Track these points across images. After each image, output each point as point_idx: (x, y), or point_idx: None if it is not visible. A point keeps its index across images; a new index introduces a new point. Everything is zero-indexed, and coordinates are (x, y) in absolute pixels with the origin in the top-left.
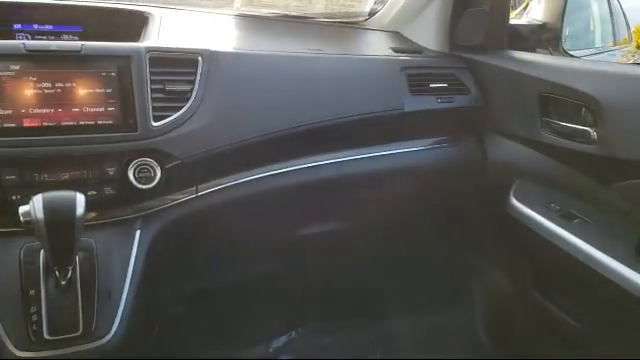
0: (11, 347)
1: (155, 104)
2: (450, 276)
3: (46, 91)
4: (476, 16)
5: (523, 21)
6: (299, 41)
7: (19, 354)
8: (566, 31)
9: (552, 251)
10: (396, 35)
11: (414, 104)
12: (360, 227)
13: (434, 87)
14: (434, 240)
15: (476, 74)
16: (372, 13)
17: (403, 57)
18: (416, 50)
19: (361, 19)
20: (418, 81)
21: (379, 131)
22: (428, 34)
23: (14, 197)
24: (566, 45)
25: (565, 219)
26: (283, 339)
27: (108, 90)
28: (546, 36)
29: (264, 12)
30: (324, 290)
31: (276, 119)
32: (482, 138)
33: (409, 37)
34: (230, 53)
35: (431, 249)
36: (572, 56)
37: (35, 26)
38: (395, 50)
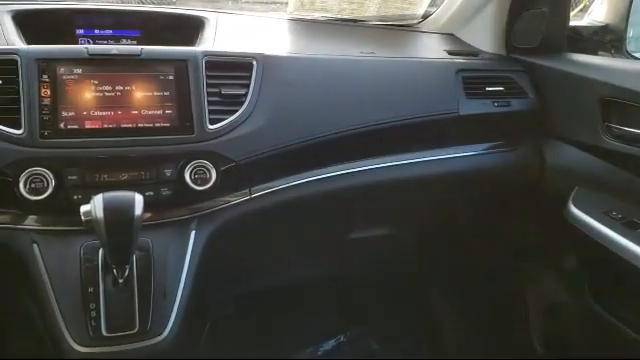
0: (71, 342)
1: (211, 107)
2: (503, 284)
3: (107, 94)
4: (535, 18)
5: (584, 22)
6: (352, 44)
7: (78, 349)
8: (630, 32)
9: (613, 261)
10: (450, 37)
11: (469, 107)
12: (411, 232)
13: (490, 90)
14: (486, 247)
15: (534, 77)
16: (425, 16)
17: (458, 60)
18: (472, 52)
19: (414, 22)
20: (474, 84)
21: (432, 135)
22: (484, 36)
23: (75, 197)
24: (630, 47)
25: (627, 228)
26: (332, 343)
27: (166, 93)
28: (608, 38)
29: (317, 16)
30: (373, 295)
31: (329, 122)
32: (540, 143)
33: (464, 39)
34: (284, 57)
35: (483, 256)
36: (637, 58)
37: (96, 31)
38: (450, 53)
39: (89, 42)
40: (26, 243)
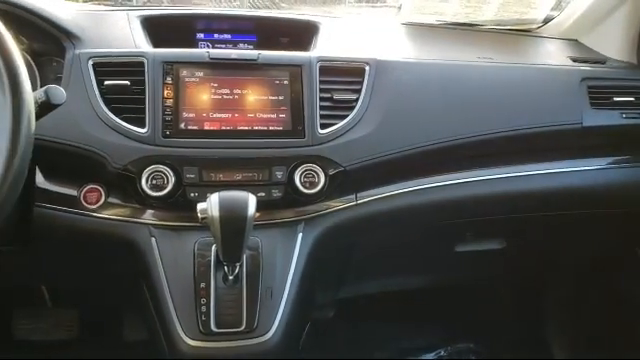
0: (182, 334)
1: (322, 112)
2: (626, 305)
3: (225, 97)
4: None
5: None
6: (468, 49)
7: (189, 342)
8: None
9: None
10: (575, 43)
11: (594, 119)
12: (523, 248)
13: (619, 101)
14: (609, 265)
15: None
16: (547, 20)
17: (583, 67)
18: (598, 60)
19: (535, 26)
20: (600, 94)
21: (551, 147)
22: (613, 42)
23: (192, 194)
24: None
25: None
26: (431, 356)
27: (280, 97)
28: None
29: (430, 20)
30: (479, 309)
31: (442, 130)
32: None
33: (590, 46)
34: (397, 62)
35: (603, 274)
36: None
37: (215, 35)
38: (574, 59)
39: (208, 46)
40: (145, 236)
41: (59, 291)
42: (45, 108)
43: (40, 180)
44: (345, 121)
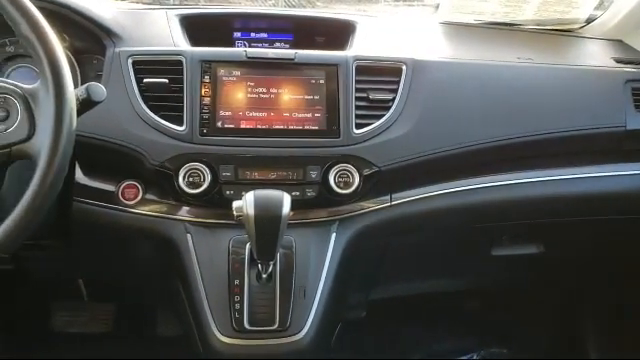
0: (216, 331)
1: (358, 112)
2: None
3: (261, 96)
4: None
5: None
6: (507, 49)
7: (222, 339)
8: None
9: None
10: (619, 44)
11: (639, 122)
12: (562, 253)
13: None
14: None
15: None
16: (590, 20)
17: (628, 68)
18: None
19: (576, 26)
20: None
21: (591, 150)
22: None
23: (228, 192)
24: None
25: None
26: None
27: (316, 97)
28: None
29: (468, 19)
30: (514, 314)
31: (479, 131)
32: None
33: (635, 46)
34: (434, 62)
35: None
36: None
37: (252, 34)
38: (618, 61)
39: (245, 45)
40: (181, 233)
41: (96, 285)
42: (86, 105)
43: (79, 176)
44: (381, 121)
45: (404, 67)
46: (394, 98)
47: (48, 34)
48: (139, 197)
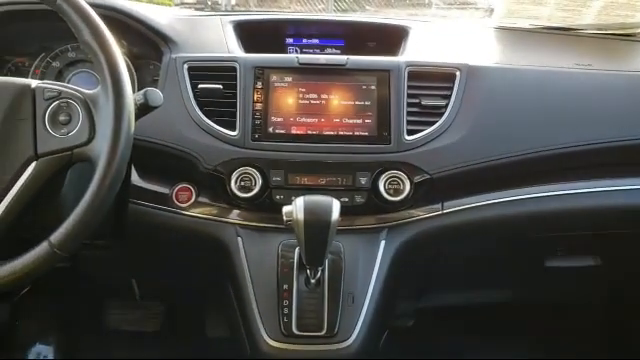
0: (264, 334)
1: (409, 118)
2: None
3: (312, 102)
4: None
5: None
6: (564, 55)
7: (271, 342)
8: None
9: None
10: None
11: None
12: (618, 266)
13: None
14: None
15: None
16: None
17: None
18: None
19: (639, 31)
20: None
21: None
22: None
23: (278, 197)
24: None
25: None
26: None
27: (367, 103)
28: None
29: (524, 24)
30: (564, 328)
31: (536, 139)
32: None
33: None
34: (489, 67)
35: None
36: None
37: (304, 40)
38: None
39: (297, 51)
40: (231, 235)
41: (148, 285)
42: (143, 110)
43: (135, 178)
44: (433, 127)
45: (458, 73)
46: (447, 104)
47: (109, 41)
48: (192, 200)
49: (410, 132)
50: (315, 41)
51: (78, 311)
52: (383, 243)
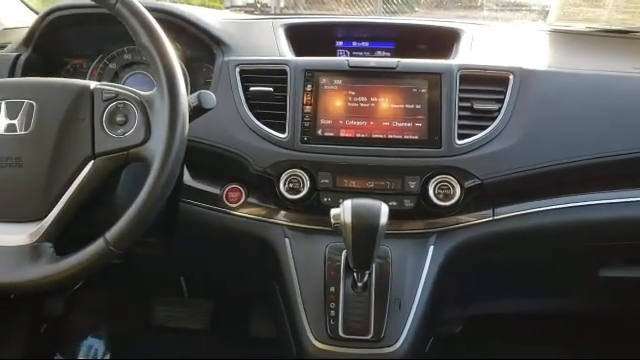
0: (310, 336)
1: (461, 122)
2: None
3: (362, 105)
4: None
5: None
6: (622, 59)
7: (317, 344)
8: None
9: None
10: None
11: None
12: None
13: None
14: None
15: None
16: None
17: None
18: None
19: None
20: None
21: None
22: None
23: (325, 199)
24: None
25: None
26: None
27: (417, 106)
28: None
29: (580, 27)
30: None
31: (592, 145)
32: None
33: None
34: (544, 71)
35: None
36: None
37: (354, 43)
38: None
39: (347, 54)
40: (279, 237)
41: (195, 283)
42: (197, 112)
43: (187, 178)
44: (485, 132)
45: (511, 76)
46: (500, 108)
47: (166, 45)
48: (242, 200)
49: (461, 136)
50: (365, 44)
51: (127, 307)
52: (432, 248)
